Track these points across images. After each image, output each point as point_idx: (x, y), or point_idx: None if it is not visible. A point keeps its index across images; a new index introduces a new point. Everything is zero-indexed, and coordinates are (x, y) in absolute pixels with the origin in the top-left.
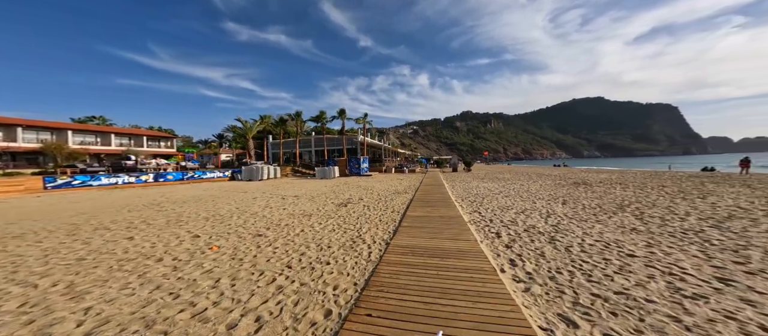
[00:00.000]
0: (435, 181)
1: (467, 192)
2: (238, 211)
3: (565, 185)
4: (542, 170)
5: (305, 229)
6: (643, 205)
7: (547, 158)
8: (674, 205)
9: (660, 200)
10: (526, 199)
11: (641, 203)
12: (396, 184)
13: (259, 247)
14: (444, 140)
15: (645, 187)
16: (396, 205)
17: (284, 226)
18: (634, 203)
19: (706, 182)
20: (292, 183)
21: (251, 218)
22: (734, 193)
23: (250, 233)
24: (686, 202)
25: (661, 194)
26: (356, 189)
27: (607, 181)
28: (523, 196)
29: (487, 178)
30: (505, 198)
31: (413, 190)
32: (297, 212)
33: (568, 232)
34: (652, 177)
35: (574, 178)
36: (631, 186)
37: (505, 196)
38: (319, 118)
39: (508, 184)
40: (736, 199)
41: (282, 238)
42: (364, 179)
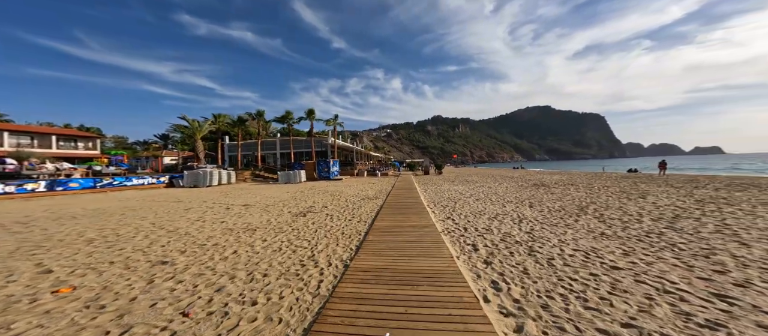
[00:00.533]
0: (407, 184)
1: (439, 196)
2: (152, 228)
3: (527, 187)
4: (504, 172)
5: (240, 250)
6: (599, 206)
7: (507, 161)
8: (624, 205)
9: (611, 201)
10: (495, 202)
11: (596, 204)
12: (367, 189)
13: (151, 281)
14: (416, 143)
15: (592, 187)
16: (364, 213)
17: (211, 247)
18: (590, 205)
19: (638, 182)
20: (248, 189)
21: (166, 237)
22: (665, 193)
23: (149, 261)
24: (631, 202)
25: (609, 195)
26: (322, 195)
27: (560, 183)
28: (492, 199)
29: (457, 181)
30: (477, 202)
31: (384, 194)
32: (238, 226)
33: (544, 240)
34: (594, 178)
35: (533, 180)
36: (581, 187)
37: (476, 200)
38: (284, 119)
39: (476, 186)
40: (669, 198)
41: (198, 265)
42: (333, 184)
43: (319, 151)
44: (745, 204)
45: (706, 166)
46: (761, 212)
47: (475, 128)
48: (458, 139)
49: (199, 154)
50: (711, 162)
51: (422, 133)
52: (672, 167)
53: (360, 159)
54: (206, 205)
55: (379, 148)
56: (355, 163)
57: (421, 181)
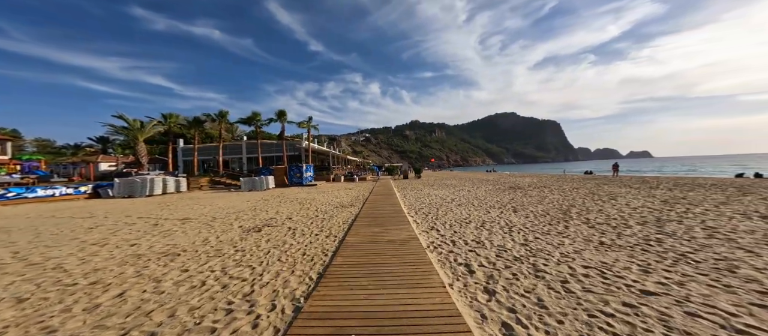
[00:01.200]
0: (386, 189)
1: (420, 201)
2: (16, 258)
3: (504, 190)
4: (480, 175)
5: (132, 291)
6: (580, 209)
7: (479, 165)
8: (602, 208)
9: (588, 203)
10: (478, 207)
11: (577, 207)
12: (342, 195)
13: None
14: (395, 148)
15: (563, 190)
16: (335, 224)
17: (84, 287)
18: (571, 208)
19: (600, 184)
20: (200, 199)
21: (30, 271)
22: (629, 193)
23: None
24: (607, 203)
25: (582, 197)
26: (289, 203)
27: (533, 186)
28: (474, 203)
29: (436, 185)
30: (459, 207)
31: (361, 201)
32: (155, 251)
33: (544, 253)
34: (560, 180)
35: (507, 183)
36: (554, 189)
37: (459, 205)
38: (251, 120)
39: (456, 190)
40: (637, 199)
41: (36, 323)
42: (306, 190)
43: (292, 156)
44: (707, 204)
45: (641, 167)
46: (728, 212)
47: (451, 133)
48: (435, 144)
49: (142, 159)
50: (643, 164)
51: (400, 138)
52: (627, 169)
53: (337, 163)
54: (127, 222)
55: (358, 152)
56: (332, 168)
57: (400, 185)
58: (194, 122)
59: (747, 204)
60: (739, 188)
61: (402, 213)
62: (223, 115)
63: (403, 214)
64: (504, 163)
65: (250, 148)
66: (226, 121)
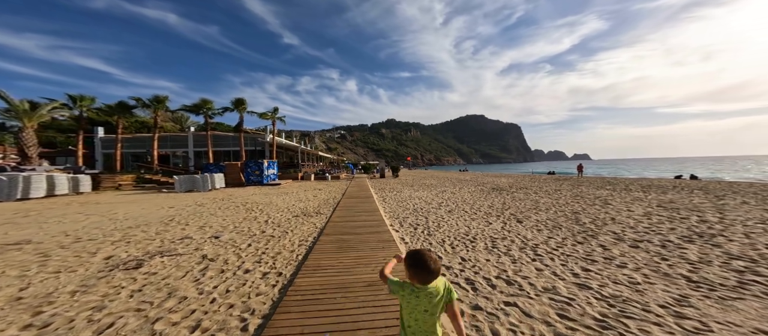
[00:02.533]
0: (362, 190)
1: (402, 206)
2: None
3: (488, 191)
4: (456, 175)
5: None
6: (592, 218)
7: (452, 164)
8: (615, 216)
9: (590, 209)
10: (473, 215)
11: (584, 214)
12: (308, 198)
13: None
14: (371, 146)
15: (546, 190)
16: (286, 247)
17: None
18: (578, 215)
19: (575, 184)
20: (98, 204)
21: None
22: (618, 198)
23: None
24: (610, 209)
25: (575, 201)
26: (233, 211)
27: (514, 186)
28: (466, 209)
29: (416, 185)
30: (451, 215)
31: (331, 206)
32: None
33: (637, 309)
34: (533, 180)
35: (488, 184)
36: (537, 191)
37: (449, 212)
38: (199, 108)
39: (439, 192)
40: (634, 204)
41: None
42: (265, 191)
43: (253, 151)
44: (708, 208)
45: (595, 169)
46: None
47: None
48: (410, 143)
49: (28, 150)
50: (587, 165)
51: (377, 136)
52: (564, 170)
53: (307, 160)
54: None
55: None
56: (300, 165)
57: (377, 185)
58: (118, 107)
59: None
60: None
61: (383, 225)
62: (160, 100)
63: (384, 227)
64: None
65: (199, 140)
66: (163, 107)
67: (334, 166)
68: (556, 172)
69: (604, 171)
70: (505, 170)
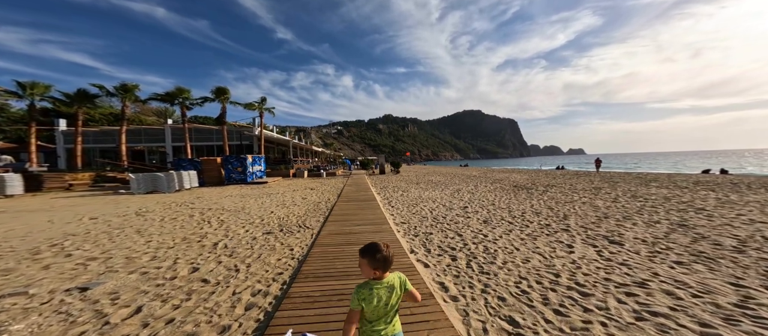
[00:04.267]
0: (361, 189)
1: (415, 212)
2: None
3: (511, 190)
4: (461, 171)
5: None
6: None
7: (449, 159)
8: (727, 222)
9: (695, 219)
10: (523, 226)
11: (698, 226)
12: (296, 201)
13: None
14: (368, 142)
15: (587, 190)
16: (221, 312)
17: None
18: (691, 226)
19: (612, 182)
20: (5, 211)
21: None
22: (681, 194)
23: None
24: (708, 214)
25: (627, 203)
26: (179, 223)
27: (538, 184)
28: (506, 217)
29: (423, 183)
30: (492, 228)
31: (323, 212)
32: None
33: None
34: (552, 176)
35: (504, 181)
36: (577, 190)
37: (485, 222)
38: (174, 98)
39: (454, 191)
40: (723, 204)
41: None
42: (245, 191)
43: (240, 145)
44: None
45: (583, 160)
46: None
47: (422, 128)
48: (407, 138)
49: None
50: (583, 160)
51: (374, 132)
52: (570, 164)
53: (301, 155)
54: None
55: (329, 144)
56: (292, 161)
57: (377, 183)
58: (78, 96)
59: None
60: None
61: (398, 248)
62: (128, 89)
63: (400, 251)
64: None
65: (178, 134)
66: (132, 96)
67: (329, 162)
68: (564, 167)
69: (611, 166)
70: (507, 165)
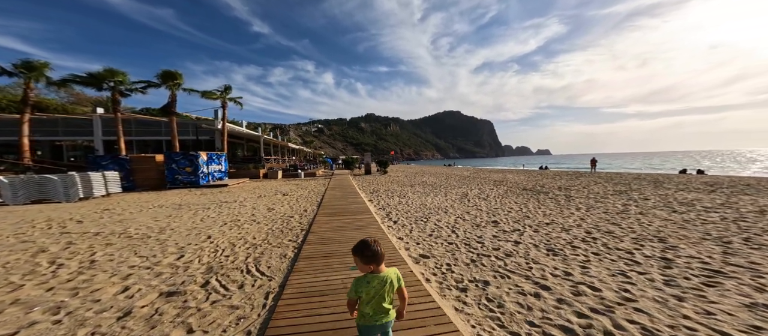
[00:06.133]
0: (346, 193)
1: (433, 234)
2: None
3: (520, 193)
4: (451, 171)
5: None
6: None
7: (430, 158)
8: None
9: (694, 225)
10: (600, 249)
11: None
12: (255, 216)
13: None
14: (350, 140)
15: (609, 194)
16: None
17: None
18: None
19: (622, 182)
20: None
21: None
22: (709, 198)
23: None
24: (728, 224)
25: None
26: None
27: (547, 187)
28: (560, 235)
29: (417, 185)
30: (559, 260)
31: (296, 234)
32: None
33: None
34: (549, 177)
35: (505, 182)
36: (585, 191)
37: (549, 251)
38: (101, 81)
39: (462, 196)
40: (712, 208)
41: None
42: (190, 198)
43: (197, 141)
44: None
45: (550, 160)
46: None
47: (404, 127)
48: (390, 137)
49: None
50: (548, 160)
51: (356, 130)
52: (530, 164)
53: (276, 153)
54: None
55: (308, 142)
56: (264, 159)
57: (365, 185)
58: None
59: None
60: None
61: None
62: (34, 67)
63: None
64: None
65: (105, 125)
66: (40, 76)
67: (309, 161)
68: (548, 167)
69: (580, 167)
70: (487, 165)
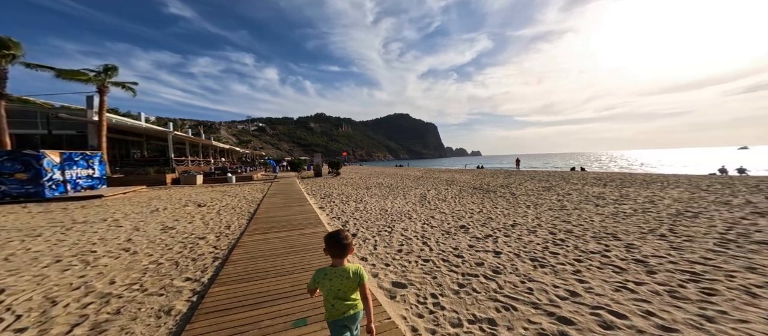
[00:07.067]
0: (289, 199)
1: (403, 249)
2: None
3: (473, 192)
4: (402, 171)
5: None
6: None
7: (382, 159)
8: None
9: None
10: (581, 256)
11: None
12: (141, 242)
13: None
14: (298, 140)
15: (530, 189)
16: None
17: None
18: None
19: (553, 181)
20: None
21: None
22: (622, 192)
23: None
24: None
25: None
26: None
27: (492, 184)
28: (532, 240)
29: (374, 187)
30: (551, 274)
31: (209, 262)
32: None
33: None
34: (485, 175)
35: (454, 181)
36: (524, 188)
37: (535, 261)
38: None
39: (421, 197)
40: (647, 198)
41: None
42: (17, 222)
43: (53, 135)
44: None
45: (483, 161)
46: None
47: (356, 128)
48: (342, 138)
49: None
50: (481, 160)
51: (305, 130)
52: (469, 164)
53: (197, 154)
54: None
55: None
56: (174, 161)
57: (315, 189)
58: None
59: None
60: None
61: None
62: None
63: None
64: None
65: None
66: None
67: (245, 163)
68: (484, 167)
69: (502, 165)
70: (434, 165)
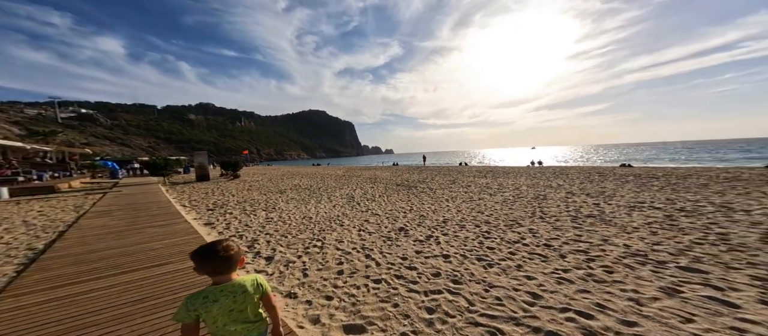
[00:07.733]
0: (137, 218)
1: (344, 271)
2: None
3: (395, 189)
4: (321, 170)
5: None
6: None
7: (295, 158)
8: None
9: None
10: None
11: None
12: None
13: None
14: (166, 136)
15: (439, 183)
16: None
17: None
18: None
19: (453, 174)
20: None
21: None
22: (513, 181)
23: None
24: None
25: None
26: None
27: (410, 180)
28: (464, 238)
29: (290, 189)
30: (494, 272)
31: None
32: None
33: None
34: (403, 171)
35: (378, 179)
36: (434, 183)
37: (476, 256)
38: None
39: (349, 199)
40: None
41: None
42: None
43: None
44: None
45: (396, 158)
46: None
47: (262, 124)
48: (241, 134)
49: None
50: (394, 158)
51: (179, 122)
52: (390, 161)
53: None
54: None
55: (47, 134)
56: None
57: (197, 198)
58: None
59: None
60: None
61: None
62: None
63: None
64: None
65: None
66: None
67: (40, 165)
68: (398, 164)
69: (411, 162)
70: (351, 163)
